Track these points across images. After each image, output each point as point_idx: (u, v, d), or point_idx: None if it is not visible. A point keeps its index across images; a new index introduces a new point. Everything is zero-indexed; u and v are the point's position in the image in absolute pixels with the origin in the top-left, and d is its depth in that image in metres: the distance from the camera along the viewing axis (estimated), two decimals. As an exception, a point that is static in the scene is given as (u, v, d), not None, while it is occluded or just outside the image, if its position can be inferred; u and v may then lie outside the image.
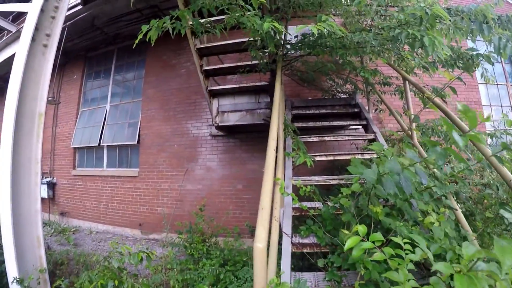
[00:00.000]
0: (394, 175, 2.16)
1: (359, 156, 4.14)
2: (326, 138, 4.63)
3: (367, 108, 5.71)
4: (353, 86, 5.92)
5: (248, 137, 7.22)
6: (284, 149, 4.04)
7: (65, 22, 7.99)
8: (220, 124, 6.01)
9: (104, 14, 8.30)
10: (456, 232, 2.52)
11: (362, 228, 1.86)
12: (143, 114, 8.60)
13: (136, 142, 8.47)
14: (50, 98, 9.45)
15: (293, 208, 3.26)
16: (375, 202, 2.57)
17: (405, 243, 1.84)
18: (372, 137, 4.70)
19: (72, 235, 8.41)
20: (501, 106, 8.61)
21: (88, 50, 10.42)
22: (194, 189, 7.49)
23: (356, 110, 5.50)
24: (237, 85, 5.83)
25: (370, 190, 2.55)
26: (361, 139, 5.50)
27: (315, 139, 4.62)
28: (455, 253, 1.97)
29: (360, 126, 5.58)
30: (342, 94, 6.34)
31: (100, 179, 9.07)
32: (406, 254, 1.77)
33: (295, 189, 3.39)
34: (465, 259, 1.44)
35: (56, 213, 9.85)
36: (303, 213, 3.27)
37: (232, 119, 5.94)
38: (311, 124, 5.06)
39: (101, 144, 9.16)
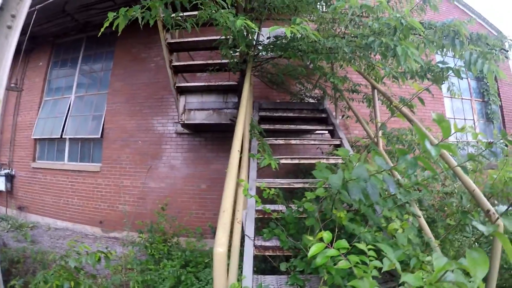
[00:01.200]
0: (360, 181, 2.10)
1: (325, 161, 4.07)
2: (292, 142, 4.52)
3: (334, 114, 5.65)
4: (321, 92, 5.86)
5: (214, 137, 7.04)
6: (249, 150, 3.92)
7: (34, 5, 7.73)
8: (186, 122, 5.79)
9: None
10: (419, 238, 2.48)
11: (327, 235, 1.76)
12: (108, 108, 8.22)
13: (99, 136, 8.10)
14: (12, 85, 9.00)
15: (256, 211, 3.16)
16: (339, 207, 2.52)
17: (369, 249, 1.77)
18: (338, 142, 4.63)
19: (30, 231, 7.90)
20: (464, 119, 8.84)
21: (56, 37, 9.85)
22: (157, 187, 7.22)
23: (323, 115, 5.43)
24: (206, 83, 5.63)
25: (334, 195, 2.49)
26: (327, 144, 5.41)
27: (281, 141, 4.51)
28: (419, 260, 1.96)
29: (327, 131, 5.51)
30: (311, 99, 6.26)
31: (60, 173, 8.60)
32: (371, 260, 1.71)
33: (259, 191, 3.27)
34: (435, 271, 1.37)
35: (14, 207, 9.25)
36: (266, 216, 3.17)
37: (199, 118, 5.73)
38: (278, 126, 4.93)
39: (63, 137, 8.68)
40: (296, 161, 4.16)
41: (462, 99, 9.03)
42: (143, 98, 7.84)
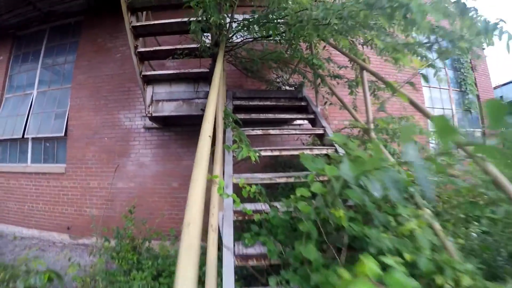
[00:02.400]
0: (381, 173, 1.64)
1: (308, 152, 3.47)
2: (271, 132, 3.89)
3: (314, 102, 5.03)
4: (301, 78, 5.26)
5: (184, 131, 6.36)
6: (224, 141, 3.31)
7: None
8: (154, 115, 5.08)
9: (38, -15, 7.01)
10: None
11: (373, 267, 1.23)
12: (72, 103, 7.38)
13: (63, 134, 7.25)
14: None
15: (235, 212, 2.63)
16: (338, 205, 1.94)
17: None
18: (321, 131, 4.04)
19: None
20: (443, 109, 8.48)
21: (18, 29, 8.83)
22: (125, 187, 6.46)
23: (303, 103, 4.82)
24: (175, 71, 4.93)
25: (337, 191, 1.90)
26: (308, 134, 4.78)
27: (259, 132, 3.88)
28: (454, 269, 1.56)
29: (307, 121, 4.91)
30: (288, 87, 5.64)
31: (23, 177, 7.65)
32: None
33: (237, 188, 2.75)
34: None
35: (-27, 215, 8.24)
36: (246, 217, 2.63)
37: (167, 109, 5.04)
38: (254, 116, 4.28)
39: (25, 136, 7.77)
40: (277, 153, 3.53)
41: (440, 88, 8.68)
42: (108, 91, 7.05)
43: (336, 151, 3.59)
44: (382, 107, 3.05)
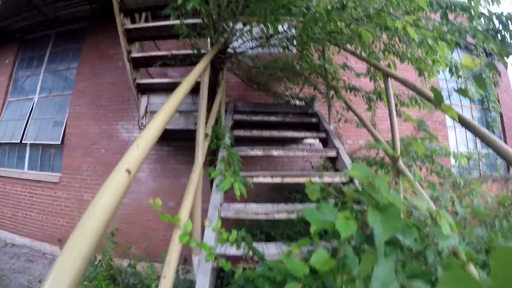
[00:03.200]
0: None
1: (317, 180, 2.76)
2: (274, 152, 3.21)
3: (327, 118, 4.30)
4: (311, 92, 4.56)
5: (184, 146, 5.66)
6: (211, 163, 2.79)
7: None
8: (147, 127, 4.45)
9: (42, -10, 6.65)
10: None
11: None
12: (71, 110, 6.85)
13: (59, 142, 6.71)
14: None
15: (218, 257, 1.95)
16: None
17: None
18: (333, 154, 3.33)
19: None
20: (466, 128, 7.62)
21: (24, 33, 8.43)
22: (121, 203, 5.81)
23: (313, 120, 4.14)
24: (171, 80, 4.34)
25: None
26: (319, 155, 4.04)
27: (259, 152, 3.20)
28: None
29: (317, 140, 4.21)
30: (298, 101, 4.93)
31: (19, 183, 7.15)
32: None
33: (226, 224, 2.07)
34: None
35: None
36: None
37: (162, 122, 4.40)
38: (255, 133, 3.60)
39: (23, 141, 7.30)
40: (279, 180, 2.84)
41: (461, 106, 7.86)
42: (108, 99, 6.51)
43: (351, 179, 2.88)
44: (423, 126, 2.33)
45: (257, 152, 3.19)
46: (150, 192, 5.76)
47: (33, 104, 7.62)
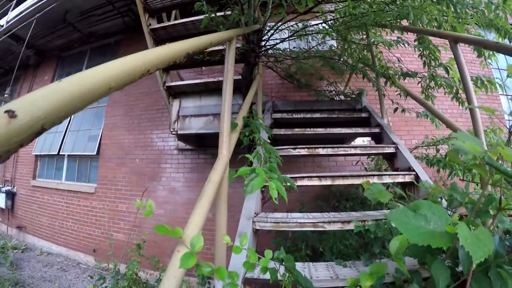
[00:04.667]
0: None
1: (375, 180, 2.19)
2: (321, 151, 2.65)
3: (379, 112, 3.67)
4: (357, 87, 3.97)
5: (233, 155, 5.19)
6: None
7: (33, 14, 6.69)
8: (179, 132, 4.07)
9: (76, 6, 6.63)
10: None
11: None
12: (106, 121, 6.65)
13: (95, 153, 6.48)
14: (6, 95, 7.62)
15: (247, 281, 1.51)
16: None
17: None
18: (391, 150, 2.73)
19: (21, 254, 6.57)
20: None
21: (62, 50, 8.50)
22: (154, 214, 5.39)
23: (363, 115, 3.54)
24: (202, 81, 3.89)
25: None
26: (374, 152, 3.36)
27: (303, 152, 2.65)
28: None
29: (367, 140, 3.60)
30: (343, 96, 4.32)
31: (57, 193, 7.03)
32: None
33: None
34: None
35: (14, 226, 7.83)
36: None
37: (195, 126, 4.00)
38: (298, 131, 3.06)
39: (60, 153, 7.21)
40: (329, 182, 2.28)
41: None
42: (142, 109, 6.21)
43: (416, 177, 2.28)
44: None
45: (301, 151, 2.65)
46: (186, 202, 5.31)
47: (71, 117, 7.50)
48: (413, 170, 2.35)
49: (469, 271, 0.93)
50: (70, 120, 7.47)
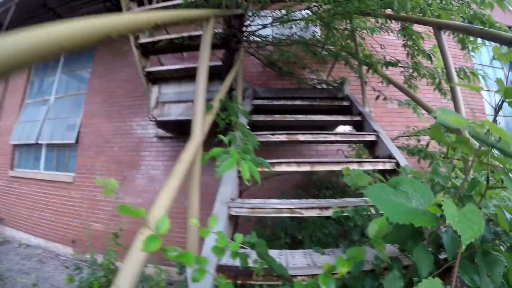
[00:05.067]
0: None
1: (355, 167, 2.11)
2: (301, 137, 2.55)
3: (361, 101, 3.59)
4: (339, 76, 3.88)
5: (208, 140, 5.03)
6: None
7: None
8: (158, 119, 3.91)
9: (55, -9, 6.31)
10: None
11: None
12: (85, 109, 6.40)
13: (74, 142, 6.23)
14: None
15: (220, 268, 1.39)
16: None
17: None
18: (372, 138, 2.65)
19: None
20: (504, 116, 6.61)
21: (42, 36, 8.11)
22: (133, 203, 5.27)
23: (344, 103, 3.46)
24: (183, 66, 3.74)
25: None
26: (355, 140, 3.26)
27: (282, 138, 2.54)
28: None
29: (351, 126, 3.52)
30: (325, 85, 4.23)
31: (35, 183, 6.74)
32: None
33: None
34: None
35: (-8, 219, 7.47)
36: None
37: (175, 113, 3.85)
38: (277, 118, 2.95)
39: (38, 142, 6.89)
40: (308, 168, 2.19)
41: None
42: (122, 96, 6.00)
43: (397, 165, 2.21)
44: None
45: (280, 137, 2.54)
46: (165, 191, 5.15)
47: (49, 104, 7.21)
48: (394, 158, 2.28)
49: (456, 255, 0.84)
50: (48, 108, 7.17)
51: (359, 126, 3.10)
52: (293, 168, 2.12)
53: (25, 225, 6.73)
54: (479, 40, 2.88)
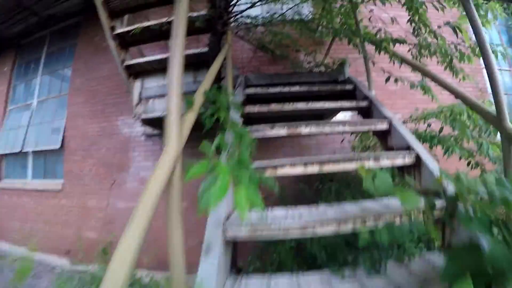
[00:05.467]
0: None
1: (371, 164, 1.74)
2: (304, 130, 2.14)
3: (366, 84, 3.18)
4: (337, 57, 3.47)
5: (193, 137, 4.61)
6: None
7: None
8: (143, 117, 3.51)
9: (29, -11, 5.86)
10: None
11: None
12: (69, 110, 5.96)
13: (59, 146, 5.79)
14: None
15: None
16: None
17: None
18: (384, 126, 2.24)
19: None
20: (506, 94, 6.26)
21: (21, 37, 7.56)
22: (126, 207, 4.87)
23: (347, 87, 3.03)
24: (166, 56, 3.30)
25: None
26: (365, 129, 2.84)
27: (282, 131, 2.14)
28: None
29: (356, 112, 3.13)
30: (323, 68, 3.81)
31: (25, 194, 6.30)
32: None
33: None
34: None
35: (-17, 233, 7.03)
36: None
37: (160, 108, 3.46)
38: (275, 108, 2.55)
39: (24, 150, 6.45)
40: (316, 170, 1.79)
41: (500, 69, 6.49)
42: (105, 94, 5.56)
43: (418, 158, 1.82)
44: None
45: (280, 131, 2.15)
46: (158, 193, 4.76)
47: (32, 109, 6.75)
48: (413, 149, 1.88)
49: None
50: (32, 113, 6.71)
51: (366, 112, 2.68)
52: (299, 170, 1.73)
53: (17, 238, 6.18)
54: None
